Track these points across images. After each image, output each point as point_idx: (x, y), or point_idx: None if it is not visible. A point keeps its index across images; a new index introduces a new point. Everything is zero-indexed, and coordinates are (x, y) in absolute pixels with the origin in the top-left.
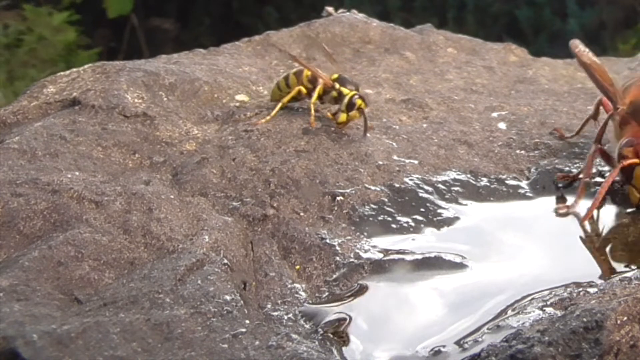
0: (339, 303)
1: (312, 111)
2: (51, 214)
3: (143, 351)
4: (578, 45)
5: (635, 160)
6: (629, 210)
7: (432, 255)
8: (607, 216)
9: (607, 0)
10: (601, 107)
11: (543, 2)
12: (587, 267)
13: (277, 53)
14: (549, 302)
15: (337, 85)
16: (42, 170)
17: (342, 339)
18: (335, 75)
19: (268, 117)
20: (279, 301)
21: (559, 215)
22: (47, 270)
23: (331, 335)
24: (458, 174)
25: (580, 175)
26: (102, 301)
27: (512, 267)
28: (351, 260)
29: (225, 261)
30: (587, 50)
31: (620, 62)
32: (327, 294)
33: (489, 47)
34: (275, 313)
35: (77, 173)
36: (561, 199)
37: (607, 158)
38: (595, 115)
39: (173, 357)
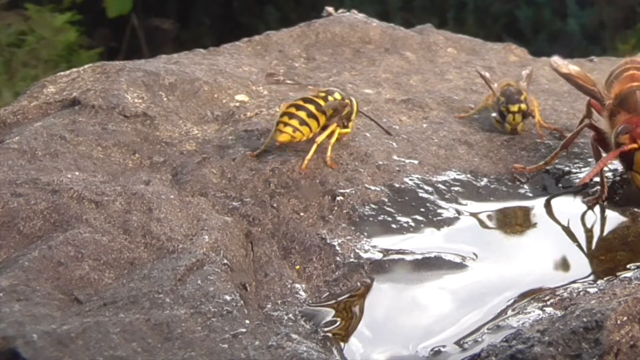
0: (340, 303)
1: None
2: (51, 214)
3: (143, 351)
4: (556, 61)
5: (634, 145)
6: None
7: (432, 255)
8: (607, 216)
9: (607, 0)
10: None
11: (543, 2)
12: (587, 267)
13: (277, 53)
14: (549, 302)
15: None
16: (42, 170)
17: (343, 338)
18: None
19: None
20: (279, 301)
21: (589, 206)
22: (47, 270)
23: (331, 335)
24: (458, 174)
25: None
26: (102, 301)
27: (513, 267)
28: (351, 260)
29: (225, 261)
30: (564, 62)
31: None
32: (327, 294)
33: (489, 47)
34: (275, 313)
35: (77, 173)
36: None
37: (601, 143)
38: (589, 115)
39: (173, 357)
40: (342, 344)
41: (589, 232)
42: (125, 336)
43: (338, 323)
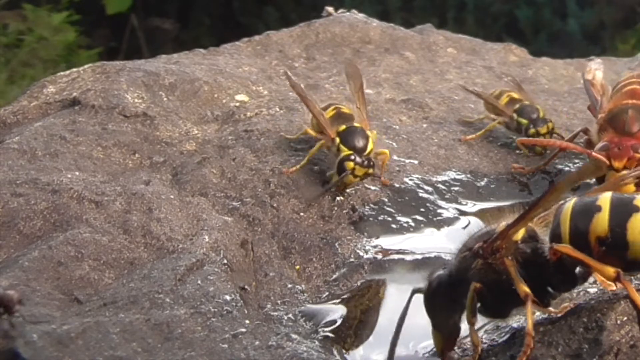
0: (339, 302)
1: (304, 161)
2: (51, 214)
3: (143, 351)
4: (591, 66)
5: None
6: None
7: (432, 255)
8: None
9: (607, 0)
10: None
11: (543, 2)
12: None
13: (277, 53)
14: None
15: (337, 141)
16: (42, 170)
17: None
18: (343, 127)
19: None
20: (279, 301)
21: None
22: (47, 270)
23: (331, 335)
24: (458, 174)
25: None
26: (102, 301)
27: None
28: (351, 260)
29: (225, 261)
30: (598, 67)
31: (620, 62)
32: (327, 294)
33: (489, 47)
34: (275, 313)
35: (77, 173)
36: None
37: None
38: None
39: (173, 357)
40: (342, 345)
41: None
42: (125, 336)
43: (338, 323)
